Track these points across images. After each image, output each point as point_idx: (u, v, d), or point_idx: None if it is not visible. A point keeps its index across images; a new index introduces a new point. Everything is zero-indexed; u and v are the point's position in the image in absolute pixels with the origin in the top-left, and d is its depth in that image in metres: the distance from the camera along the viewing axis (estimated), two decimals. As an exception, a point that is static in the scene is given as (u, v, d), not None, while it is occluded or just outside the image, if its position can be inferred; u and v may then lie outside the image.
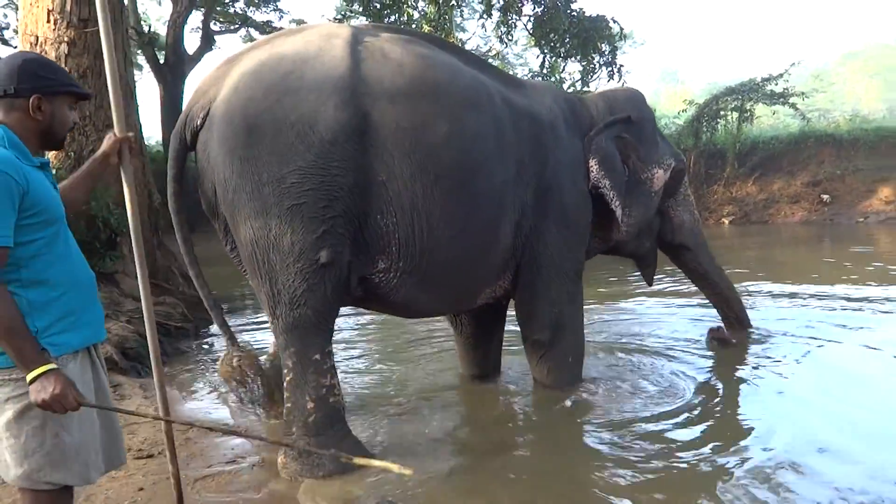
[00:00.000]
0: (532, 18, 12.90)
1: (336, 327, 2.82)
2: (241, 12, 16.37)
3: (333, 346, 2.73)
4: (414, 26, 12.62)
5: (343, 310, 2.95)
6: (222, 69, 2.62)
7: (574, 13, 12.43)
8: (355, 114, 2.46)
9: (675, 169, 3.71)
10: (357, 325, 5.41)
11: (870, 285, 6.13)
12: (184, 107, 2.67)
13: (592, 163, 3.32)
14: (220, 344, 5.08)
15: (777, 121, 18.97)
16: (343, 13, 13.88)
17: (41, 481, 1.56)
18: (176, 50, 15.34)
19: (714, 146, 15.42)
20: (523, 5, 12.78)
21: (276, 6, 16.27)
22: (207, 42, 15.97)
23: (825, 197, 14.11)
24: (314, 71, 2.46)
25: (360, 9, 13.24)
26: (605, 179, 3.32)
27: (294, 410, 2.54)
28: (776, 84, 14.77)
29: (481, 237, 2.89)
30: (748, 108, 15.00)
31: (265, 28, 16.57)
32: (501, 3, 12.70)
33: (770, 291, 6.01)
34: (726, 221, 14.20)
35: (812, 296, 5.71)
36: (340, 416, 2.62)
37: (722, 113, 15.41)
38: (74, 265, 1.67)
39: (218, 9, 15.91)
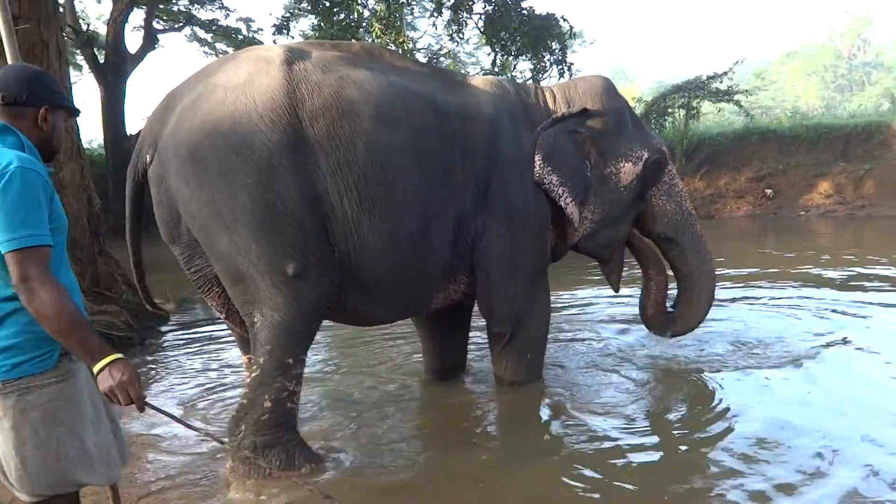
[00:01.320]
0: (483, 17, 12.90)
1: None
2: (184, 10, 15.92)
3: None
4: (364, 25, 12.50)
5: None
6: (165, 104, 2.73)
7: (524, 11, 12.48)
8: (285, 133, 2.57)
9: (650, 160, 3.52)
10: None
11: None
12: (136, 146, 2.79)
13: (536, 158, 3.24)
14: (166, 352, 4.92)
15: (722, 118, 19.46)
16: (291, 11, 13.62)
17: (71, 483, 1.61)
18: (116, 49, 14.84)
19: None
20: (474, 3, 12.76)
21: (222, 4, 15.86)
22: (150, 41, 15.49)
23: (768, 191, 14.52)
24: (245, 96, 2.58)
25: (309, 7, 13.02)
26: (552, 175, 3.24)
27: (248, 407, 2.58)
28: (721, 82, 15.16)
29: (412, 247, 2.92)
30: (695, 105, 15.35)
31: (210, 26, 16.18)
32: (452, 1, 12.68)
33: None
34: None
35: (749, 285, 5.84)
36: (292, 424, 2.66)
37: (670, 110, 15.71)
38: (70, 273, 1.72)
39: (160, 6, 15.43)
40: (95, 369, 1.53)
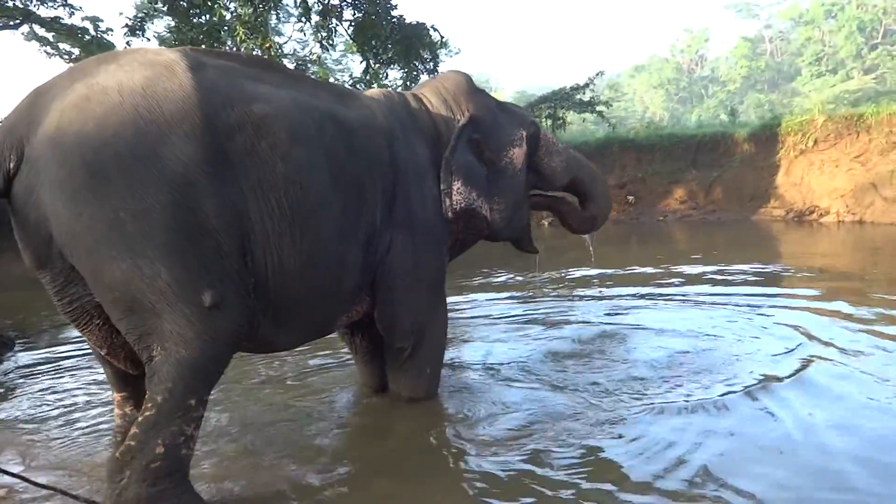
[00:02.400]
0: (352, 24, 12.69)
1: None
2: (21, 6, 14.37)
3: None
4: (227, 28, 11.89)
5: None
6: (29, 104, 2.30)
7: (394, 20, 12.40)
8: (201, 146, 2.29)
9: (529, 136, 3.59)
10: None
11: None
12: None
13: (457, 185, 3.24)
14: (13, 381, 4.28)
15: (584, 128, 20.39)
16: (146, 11, 12.71)
17: None
18: (-62, 45, 13.18)
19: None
20: (343, 10, 12.53)
21: (65, 1, 14.49)
22: (-20, 38, 13.91)
23: (630, 198, 15.33)
24: (148, 102, 2.26)
25: (165, 7, 12.19)
26: (472, 193, 3.29)
27: (136, 451, 2.24)
28: (584, 93, 15.85)
29: (330, 268, 2.78)
30: (560, 115, 15.92)
31: (52, 25, 14.70)
32: (320, 7, 12.36)
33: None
34: (546, 223, 14.89)
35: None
36: (184, 473, 2.36)
37: (537, 120, 16.19)
38: None
39: (-9, 0, 13.87)
40: None
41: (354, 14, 12.64)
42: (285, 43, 20.28)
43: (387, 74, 13.95)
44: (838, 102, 24.96)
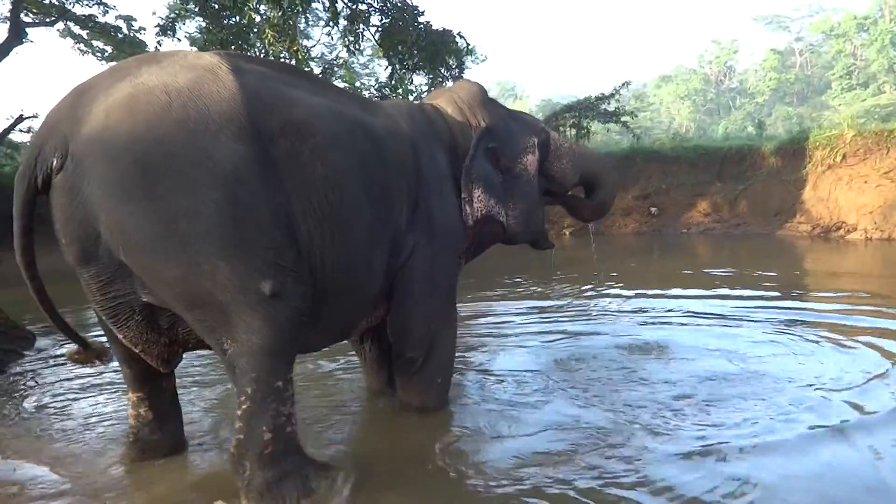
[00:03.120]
0: (379, 29, 12.76)
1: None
2: (57, 4, 14.67)
3: None
4: (256, 30, 12.02)
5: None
6: (72, 102, 2.34)
7: (421, 26, 12.45)
8: (249, 147, 2.35)
9: (541, 143, 3.73)
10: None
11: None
12: (31, 143, 2.38)
13: (477, 192, 3.35)
14: (30, 381, 4.34)
15: (608, 138, 20.30)
16: (177, 12, 12.89)
17: None
18: (-25, 41, 13.48)
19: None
20: (370, 15, 12.61)
21: (101, 0, 14.77)
22: (17, 35, 14.15)
23: (653, 210, 15.23)
24: (195, 104, 2.30)
25: (196, 8, 12.37)
26: (490, 200, 3.40)
27: (246, 443, 2.33)
28: (609, 103, 15.78)
29: (360, 273, 2.83)
30: (585, 125, 15.86)
31: (87, 23, 14.99)
32: (348, 12, 12.45)
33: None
34: (567, 233, 14.87)
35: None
36: (297, 446, 2.45)
37: (561, 129, 16.16)
38: None
39: (29, -2, 14.17)
40: None
41: (382, 20, 12.70)
42: (313, 46, 20.56)
43: (412, 80, 14.01)
44: (869, 117, 24.56)
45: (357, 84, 17.74)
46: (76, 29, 15.55)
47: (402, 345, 3.24)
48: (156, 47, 12.79)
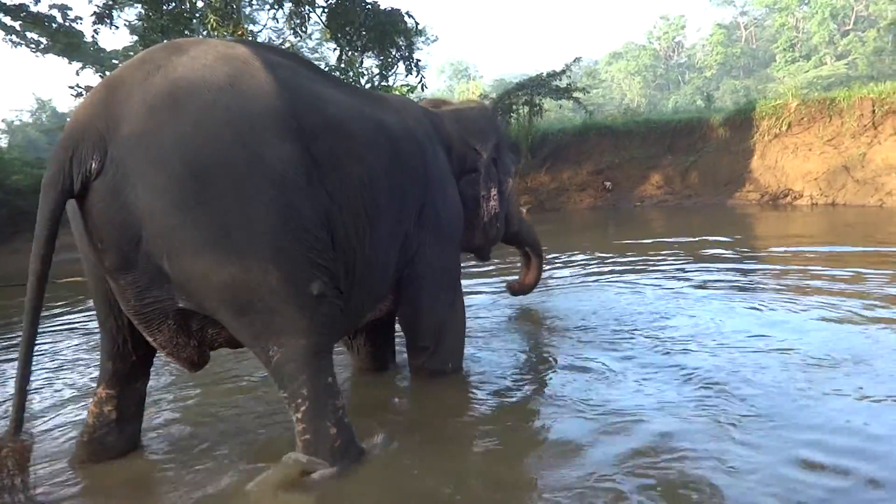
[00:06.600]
0: (325, 10, 12.54)
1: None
2: (-20, -8, 13.99)
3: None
4: (199, 16, 11.70)
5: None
6: (104, 99, 2.19)
7: (368, 6, 12.27)
8: (294, 145, 2.30)
9: (514, 171, 4.13)
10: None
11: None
12: (60, 144, 2.17)
13: (493, 191, 3.69)
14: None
15: (562, 114, 20.41)
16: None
17: None
18: None
19: (509, 139, 16.14)
20: (316, -3, 12.39)
21: (31, -12, 14.13)
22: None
23: (607, 184, 15.40)
24: (239, 101, 2.22)
25: (134, -7, 11.97)
26: (501, 201, 3.77)
27: (314, 442, 2.35)
28: (560, 80, 15.84)
29: (381, 271, 2.88)
30: (537, 102, 15.90)
31: (18, 13, 14.37)
32: (293, -7, 12.21)
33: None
34: (524, 210, 14.84)
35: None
36: (354, 434, 2.48)
37: (514, 107, 16.18)
38: None
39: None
40: None
41: (328, 1, 12.49)
42: (260, 31, 20.11)
43: (361, 62, 13.83)
44: (812, 88, 25.21)
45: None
46: (7, 20, 14.91)
47: (413, 336, 3.35)
48: (92, 36, 12.36)
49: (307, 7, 12.40)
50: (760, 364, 3.32)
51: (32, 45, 15.60)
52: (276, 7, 12.90)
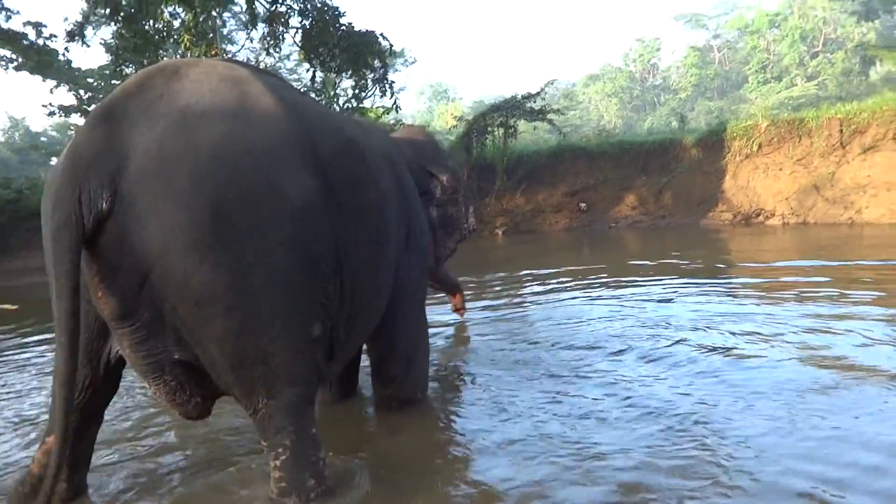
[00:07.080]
0: (300, 31, 12.53)
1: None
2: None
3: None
4: (175, 35, 11.63)
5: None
6: (105, 132, 2.00)
7: (343, 27, 12.29)
8: (312, 173, 2.19)
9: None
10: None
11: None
12: (58, 180, 1.97)
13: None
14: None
15: (537, 136, 20.52)
16: (86, 16, 12.33)
17: None
18: None
19: (484, 160, 16.19)
20: (290, 17, 12.37)
21: (2, 5, 13.95)
22: None
23: (582, 205, 15.45)
24: (255, 132, 2.09)
25: (107, 12, 11.84)
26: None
27: (290, 490, 2.22)
28: (535, 102, 15.94)
29: (378, 297, 2.82)
30: (512, 123, 15.97)
31: (-12, 32, 14.18)
32: (267, 14, 12.18)
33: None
34: (500, 233, 14.92)
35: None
36: (331, 486, 2.33)
37: (489, 129, 16.23)
38: None
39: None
40: None
41: (302, 22, 12.48)
42: (238, 52, 20.07)
43: (338, 84, 13.82)
44: (782, 108, 25.63)
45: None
46: (-25, 38, 14.69)
47: (386, 362, 3.24)
48: (63, 54, 12.24)
49: (281, 28, 12.38)
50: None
51: (4, 63, 15.38)
52: (251, 27, 12.83)
